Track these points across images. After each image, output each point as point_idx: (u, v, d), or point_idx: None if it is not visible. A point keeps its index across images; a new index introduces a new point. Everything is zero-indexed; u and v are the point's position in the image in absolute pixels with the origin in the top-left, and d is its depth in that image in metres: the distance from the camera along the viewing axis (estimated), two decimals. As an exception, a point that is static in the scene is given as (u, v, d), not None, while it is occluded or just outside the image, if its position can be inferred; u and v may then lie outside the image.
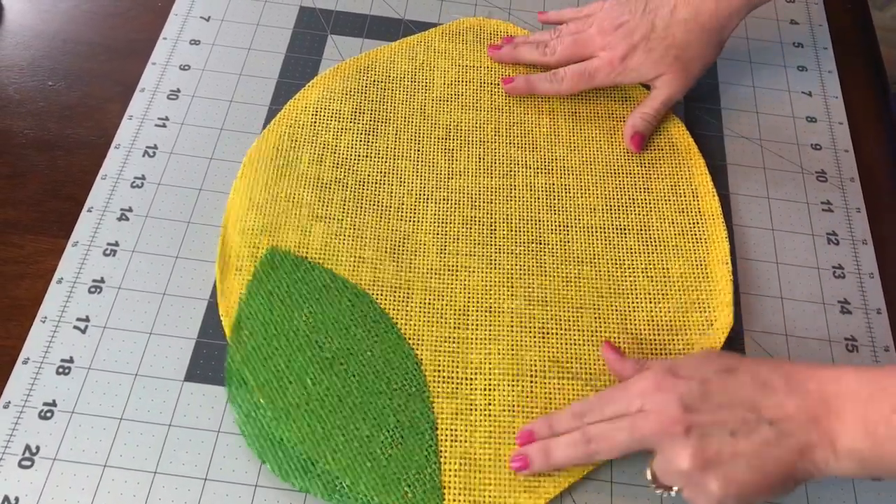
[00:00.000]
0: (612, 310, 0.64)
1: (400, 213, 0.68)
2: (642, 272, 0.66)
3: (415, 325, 0.62)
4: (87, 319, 0.62)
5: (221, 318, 0.62)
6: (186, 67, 0.77)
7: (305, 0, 0.83)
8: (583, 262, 0.66)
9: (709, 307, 0.64)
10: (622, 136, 0.73)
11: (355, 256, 0.65)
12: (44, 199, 0.68)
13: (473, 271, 0.65)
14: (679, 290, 0.65)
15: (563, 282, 0.65)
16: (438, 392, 0.60)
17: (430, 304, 0.64)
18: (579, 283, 0.65)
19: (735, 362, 0.52)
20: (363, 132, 0.73)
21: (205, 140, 0.72)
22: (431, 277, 0.65)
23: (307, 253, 0.65)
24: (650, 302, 0.64)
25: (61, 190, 0.69)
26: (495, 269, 0.65)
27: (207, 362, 0.60)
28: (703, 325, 0.63)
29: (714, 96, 0.79)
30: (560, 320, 0.63)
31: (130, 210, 0.67)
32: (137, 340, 0.61)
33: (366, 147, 0.72)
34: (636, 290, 0.65)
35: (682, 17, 0.69)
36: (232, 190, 0.68)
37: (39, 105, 0.74)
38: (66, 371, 0.59)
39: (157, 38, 0.78)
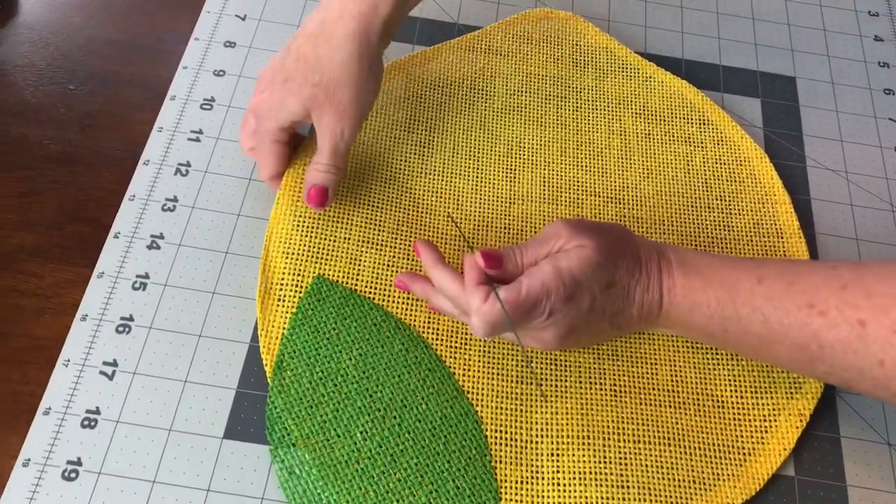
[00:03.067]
0: (690, 365, 0.58)
1: (457, 243, 0.61)
2: None
3: (473, 376, 0.56)
4: (114, 364, 0.55)
5: (262, 355, 0.56)
6: (221, 73, 0.70)
7: None
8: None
9: None
10: (697, 163, 0.67)
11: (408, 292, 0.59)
12: (64, 221, 0.61)
13: None
14: None
15: (634, 340, 0.59)
16: (501, 457, 0.54)
17: (489, 352, 0.57)
18: (653, 333, 0.59)
19: (616, 276, 0.52)
20: (418, 144, 0.66)
21: (244, 157, 0.65)
22: None
23: (356, 284, 0.58)
24: (732, 357, 0.59)
25: (84, 211, 0.62)
26: None
27: (249, 416, 0.54)
28: (790, 388, 0.57)
29: (794, 121, 0.72)
30: (633, 376, 0.57)
31: (161, 237, 0.61)
32: (171, 389, 0.55)
33: (421, 161, 0.65)
34: None
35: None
36: (275, 205, 0.61)
37: (59, 111, 0.67)
38: (92, 424, 0.53)
39: (188, 38, 0.71)
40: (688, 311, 0.52)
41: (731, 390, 0.57)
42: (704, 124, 0.69)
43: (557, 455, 0.54)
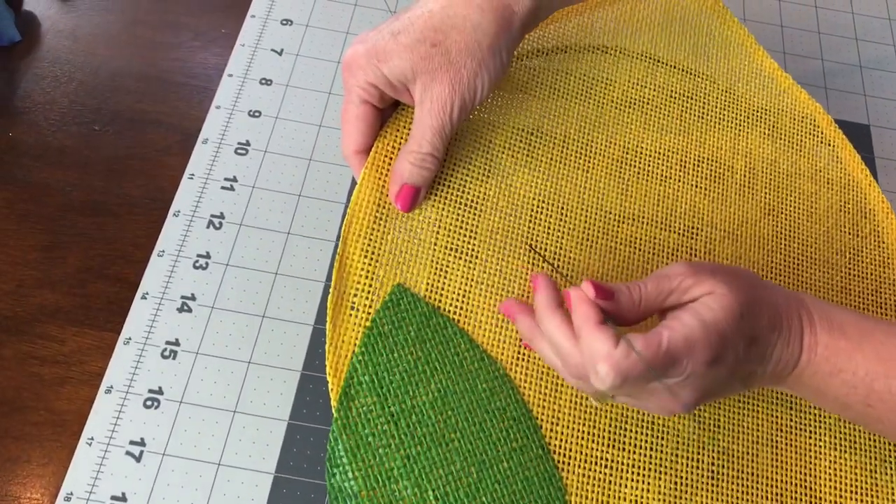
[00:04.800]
0: (792, 449, 0.52)
1: (556, 261, 0.53)
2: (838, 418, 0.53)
3: (561, 432, 0.49)
4: (142, 443, 0.51)
5: (328, 377, 0.47)
6: (257, 114, 0.65)
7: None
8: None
9: None
10: (821, 208, 0.58)
11: (498, 318, 0.50)
12: (88, 279, 0.57)
13: None
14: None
15: (737, 406, 0.52)
16: None
17: (581, 405, 0.50)
18: (756, 410, 0.52)
19: (757, 330, 0.45)
20: (523, 131, 0.55)
21: (281, 208, 0.60)
22: None
23: (440, 301, 0.49)
24: (836, 448, 0.52)
25: (109, 268, 0.57)
26: None
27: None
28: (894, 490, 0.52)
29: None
30: (732, 455, 0.51)
31: (193, 298, 0.56)
32: (204, 474, 0.50)
33: (526, 154, 0.54)
34: (827, 430, 0.52)
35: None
36: (357, 189, 0.50)
37: (84, 155, 0.62)
38: (118, 513, 0.48)
39: (221, 75, 0.66)
40: (826, 377, 0.45)
41: (829, 486, 0.51)
42: (834, 161, 0.61)
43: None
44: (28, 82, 0.65)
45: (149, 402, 0.52)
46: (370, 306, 0.48)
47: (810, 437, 0.52)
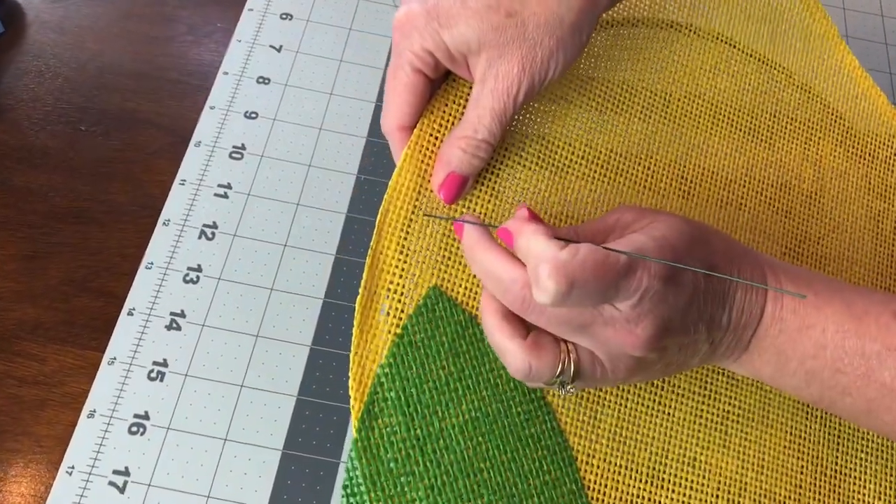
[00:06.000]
0: (834, 495, 0.48)
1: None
2: None
3: (598, 466, 0.44)
4: (126, 473, 0.47)
5: (350, 391, 0.41)
6: (253, 115, 0.61)
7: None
8: (813, 416, 0.49)
9: None
10: (887, 229, 0.53)
11: None
12: (71, 292, 0.53)
13: (679, 405, 0.47)
14: None
15: (782, 445, 0.48)
16: None
17: (622, 435, 0.46)
18: (801, 451, 0.48)
19: (714, 258, 0.40)
20: (583, 119, 0.49)
21: (278, 218, 0.57)
22: (626, 401, 0.46)
23: (477, 309, 0.44)
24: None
25: (94, 281, 0.54)
26: (708, 402, 0.47)
27: (282, 543, 0.46)
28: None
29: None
30: (776, 499, 0.47)
31: (183, 315, 0.52)
32: (192, 508, 0.47)
33: (585, 145, 0.48)
34: (872, 476, 0.48)
35: None
36: (397, 172, 0.44)
37: (69, 156, 0.58)
38: (99, 550, 0.45)
39: (216, 72, 0.62)
40: (793, 334, 0.40)
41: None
42: None
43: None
44: (10, 78, 0.61)
45: (134, 429, 0.49)
46: (401, 310, 0.42)
47: (854, 483, 0.49)
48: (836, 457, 0.49)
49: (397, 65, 0.42)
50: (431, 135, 0.44)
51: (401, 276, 0.43)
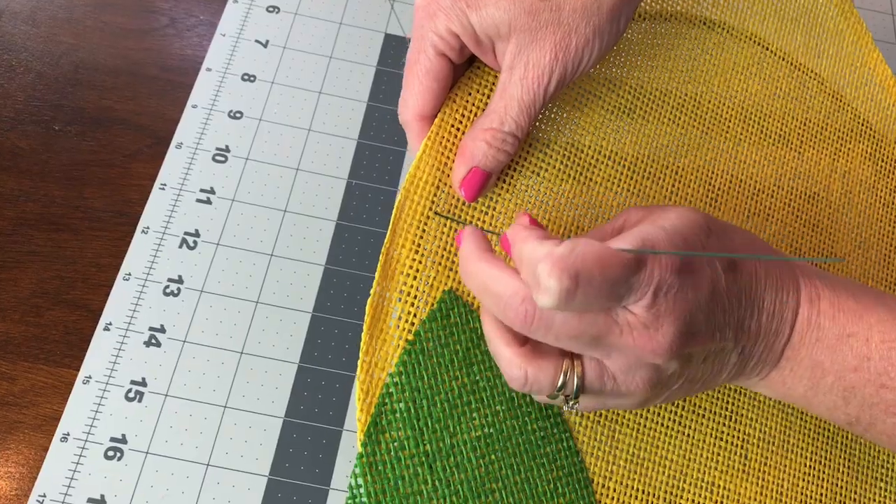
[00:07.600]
0: None
1: None
2: None
3: (614, 489, 0.42)
4: (102, 501, 0.44)
5: (357, 401, 0.38)
6: (238, 115, 0.58)
7: (390, 28, 0.63)
8: (834, 441, 0.46)
9: None
10: None
11: None
12: (43, 305, 0.50)
13: (699, 426, 0.44)
14: None
15: (801, 472, 0.46)
16: None
17: (640, 457, 0.43)
18: (821, 478, 0.46)
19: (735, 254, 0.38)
20: (612, 114, 0.46)
21: (264, 225, 0.53)
22: (645, 419, 0.44)
23: None
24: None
25: (68, 293, 0.50)
26: (730, 423, 0.45)
27: (268, 577, 0.43)
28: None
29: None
30: None
31: (163, 330, 0.49)
32: (172, 539, 0.44)
33: (613, 143, 0.45)
34: None
35: None
36: (415, 164, 0.41)
37: (41, 159, 0.55)
38: (72, 586, 0.42)
39: (198, 68, 0.59)
40: (833, 342, 0.37)
41: None
42: None
43: None
44: (-21, 73, 0.58)
45: (111, 453, 0.46)
46: (414, 315, 0.40)
47: None
48: (856, 485, 0.46)
49: (419, 48, 0.39)
50: (453, 126, 0.41)
51: (415, 278, 0.40)
